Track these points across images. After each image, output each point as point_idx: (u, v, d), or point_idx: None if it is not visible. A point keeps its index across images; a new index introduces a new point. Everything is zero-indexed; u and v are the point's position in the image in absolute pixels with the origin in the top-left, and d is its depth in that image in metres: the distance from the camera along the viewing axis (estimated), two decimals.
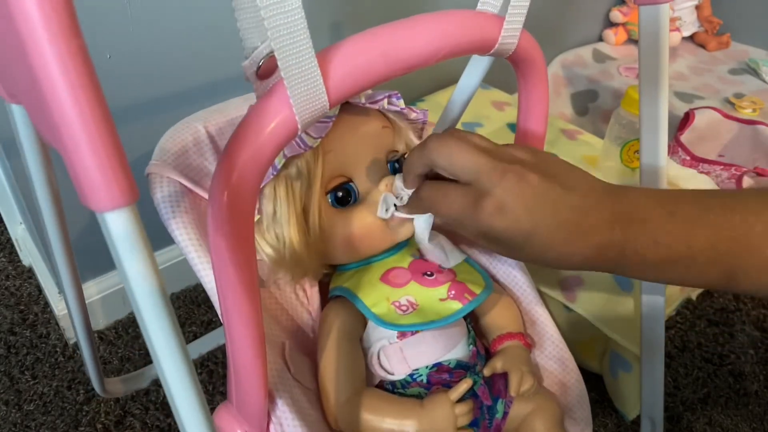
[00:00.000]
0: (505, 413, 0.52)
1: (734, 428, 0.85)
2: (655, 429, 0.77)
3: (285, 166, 0.46)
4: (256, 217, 0.49)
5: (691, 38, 1.57)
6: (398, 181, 0.48)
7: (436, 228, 0.49)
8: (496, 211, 0.39)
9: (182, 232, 0.47)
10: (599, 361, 0.86)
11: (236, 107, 0.56)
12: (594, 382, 0.88)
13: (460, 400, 0.47)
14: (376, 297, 0.49)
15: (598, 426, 0.84)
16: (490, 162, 0.40)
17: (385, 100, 0.48)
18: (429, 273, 0.51)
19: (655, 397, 0.74)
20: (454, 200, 0.41)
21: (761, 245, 0.38)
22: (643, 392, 0.75)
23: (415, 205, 0.47)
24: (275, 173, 0.46)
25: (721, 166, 1.06)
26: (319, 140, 0.45)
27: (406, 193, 0.47)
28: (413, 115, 0.52)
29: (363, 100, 0.47)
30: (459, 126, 0.96)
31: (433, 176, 0.45)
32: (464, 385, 0.47)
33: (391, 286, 0.50)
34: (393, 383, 0.50)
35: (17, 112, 0.39)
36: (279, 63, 0.30)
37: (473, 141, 0.42)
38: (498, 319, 0.56)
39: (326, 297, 0.53)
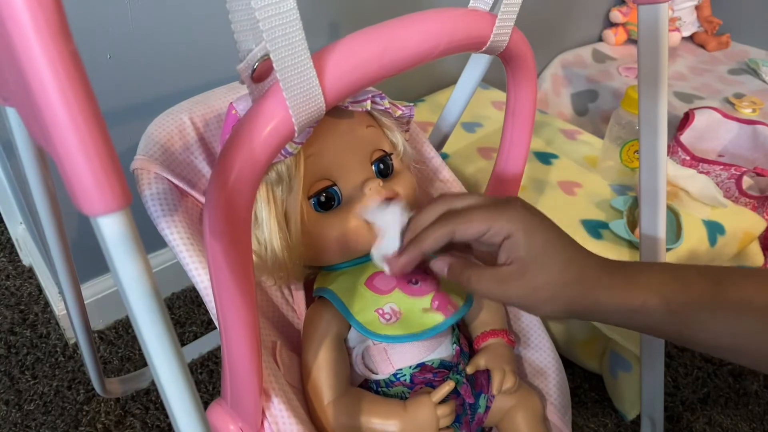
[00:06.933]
0: (487, 408, 0.53)
1: (734, 428, 0.85)
2: (655, 429, 0.77)
3: (265, 171, 0.46)
4: None
5: (691, 38, 1.57)
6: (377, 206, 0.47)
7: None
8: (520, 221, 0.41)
9: (173, 230, 0.47)
10: (599, 361, 0.86)
11: (219, 97, 0.55)
12: (594, 382, 0.88)
13: (444, 400, 0.48)
14: (361, 304, 0.49)
15: (598, 426, 0.84)
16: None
17: (369, 101, 0.48)
18: (414, 281, 0.51)
19: (655, 397, 0.74)
20: (480, 213, 0.42)
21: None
22: (643, 392, 0.75)
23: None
24: None
25: (721, 166, 1.05)
26: (300, 147, 0.44)
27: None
28: (399, 113, 0.52)
29: (346, 103, 0.46)
30: (459, 126, 0.96)
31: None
32: (446, 388, 0.48)
33: (376, 293, 0.50)
34: (377, 382, 0.51)
35: (12, 114, 0.39)
36: (274, 65, 0.30)
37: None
38: (482, 316, 0.56)
39: (311, 295, 0.53)
